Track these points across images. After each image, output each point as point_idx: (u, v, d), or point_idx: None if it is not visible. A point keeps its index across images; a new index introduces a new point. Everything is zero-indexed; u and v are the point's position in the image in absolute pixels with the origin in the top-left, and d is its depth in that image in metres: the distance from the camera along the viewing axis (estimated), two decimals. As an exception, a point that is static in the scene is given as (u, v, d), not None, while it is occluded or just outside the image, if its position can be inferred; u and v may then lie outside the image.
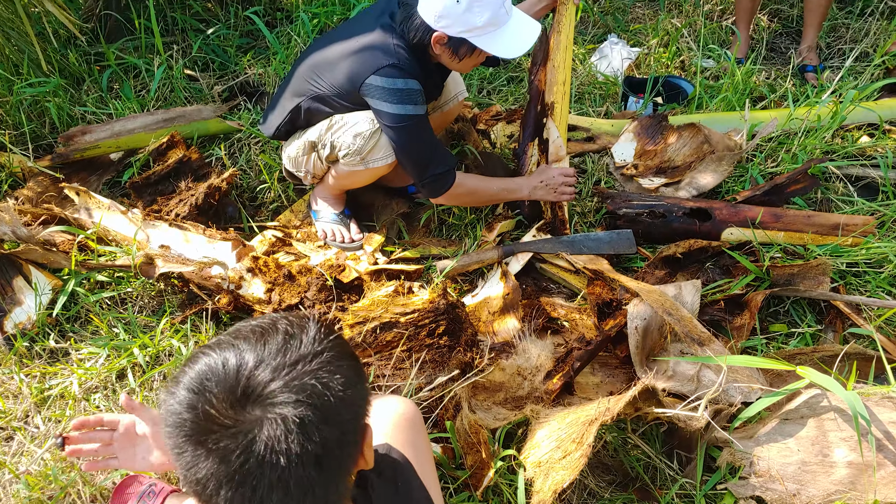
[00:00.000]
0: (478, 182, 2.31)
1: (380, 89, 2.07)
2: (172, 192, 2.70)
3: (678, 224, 2.32)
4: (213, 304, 2.26)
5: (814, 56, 3.33)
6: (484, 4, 1.94)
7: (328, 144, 2.25)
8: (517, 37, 2.05)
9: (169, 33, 3.55)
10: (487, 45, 2.02)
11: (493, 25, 1.99)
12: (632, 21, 3.86)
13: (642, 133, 2.68)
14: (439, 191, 2.23)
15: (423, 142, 2.15)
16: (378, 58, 2.08)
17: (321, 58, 2.24)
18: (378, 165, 2.24)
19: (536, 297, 2.27)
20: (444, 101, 2.54)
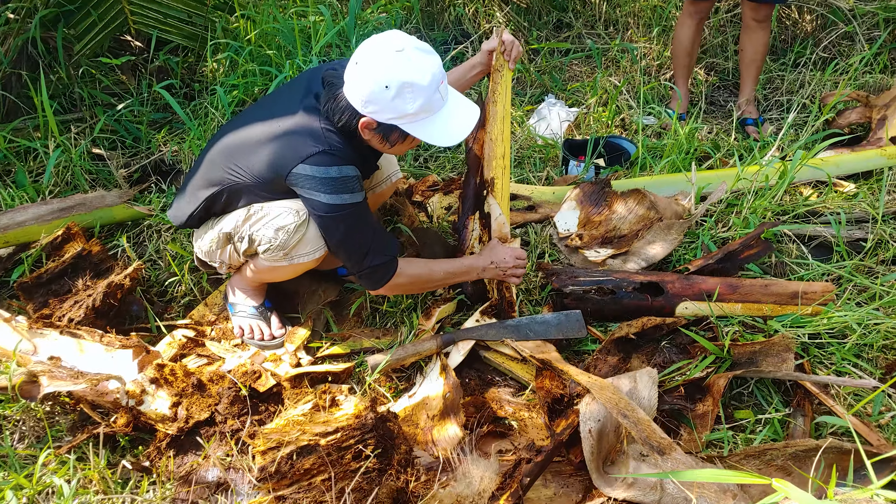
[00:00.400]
0: (422, 268, 2.09)
1: (311, 179, 1.84)
2: (69, 292, 2.40)
3: (629, 300, 2.13)
4: (108, 427, 1.94)
5: (753, 109, 3.27)
6: (416, 90, 1.74)
7: (246, 238, 2.01)
8: (454, 122, 1.85)
9: (76, 109, 3.29)
10: (421, 132, 1.82)
11: (427, 112, 1.80)
12: (569, 80, 3.78)
13: (585, 200, 2.52)
14: (379, 282, 2.00)
15: (361, 231, 1.92)
16: (306, 144, 1.85)
17: (238, 142, 2.00)
18: (304, 261, 2.01)
19: (481, 392, 2.04)
20: (377, 182, 2.34)
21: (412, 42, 1.77)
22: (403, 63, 1.72)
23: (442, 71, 1.80)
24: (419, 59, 1.74)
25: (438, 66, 1.78)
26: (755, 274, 2.23)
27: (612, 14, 4.12)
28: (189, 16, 3.35)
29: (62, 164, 2.82)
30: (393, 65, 1.72)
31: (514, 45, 2.28)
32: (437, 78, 1.77)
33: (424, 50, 1.78)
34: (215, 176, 2.02)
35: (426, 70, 1.74)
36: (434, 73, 1.75)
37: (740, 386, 1.95)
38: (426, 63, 1.75)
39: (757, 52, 3.15)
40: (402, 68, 1.72)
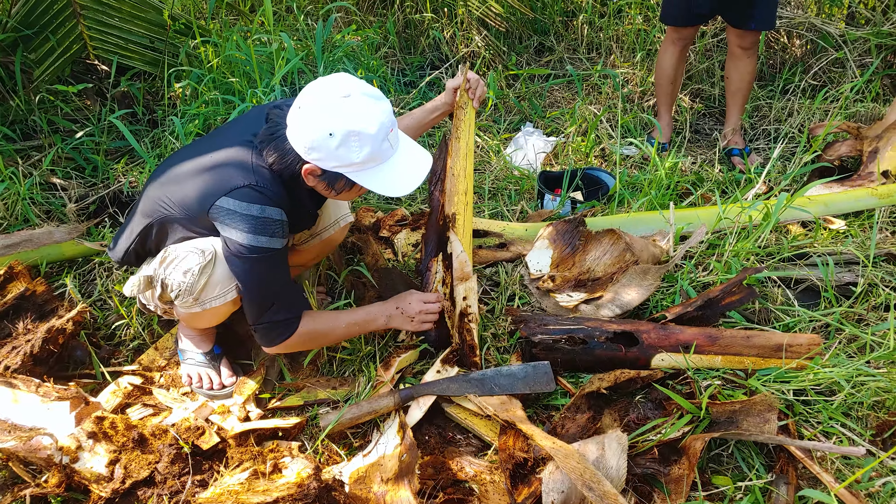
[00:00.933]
0: (323, 322, 1.94)
1: (231, 213, 1.71)
2: (9, 336, 2.25)
3: (602, 351, 1.99)
4: (39, 487, 1.79)
5: (739, 139, 3.15)
6: (362, 139, 1.63)
7: (160, 282, 1.87)
8: (404, 172, 1.74)
9: (36, 136, 3.16)
10: (368, 181, 1.70)
11: (375, 160, 1.68)
12: (549, 106, 3.66)
13: (558, 239, 2.38)
14: (273, 340, 1.86)
15: (269, 281, 1.80)
16: (233, 177, 1.73)
17: (172, 174, 1.88)
18: (216, 305, 1.87)
19: (441, 451, 1.89)
20: (323, 227, 2.20)
21: (360, 87, 1.66)
22: (350, 110, 1.61)
23: (391, 118, 1.68)
24: (367, 106, 1.63)
25: (388, 113, 1.67)
26: (737, 322, 2.09)
27: (595, 38, 4.02)
28: (150, 41, 3.24)
29: (12, 197, 2.68)
30: (338, 111, 1.61)
31: (479, 83, 2.22)
32: (386, 126, 1.66)
33: (373, 96, 1.67)
34: (149, 207, 1.91)
35: (374, 118, 1.62)
36: (382, 121, 1.64)
37: (719, 447, 1.81)
38: (374, 110, 1.63)
39: (743, 80, 3.04)
40: (348, 115, 1.61)
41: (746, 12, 2.91)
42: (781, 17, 3.62)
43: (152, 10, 3.20)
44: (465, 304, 2.13)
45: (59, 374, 2.15)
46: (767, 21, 2.92)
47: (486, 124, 3.45)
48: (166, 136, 3.03)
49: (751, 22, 2.92)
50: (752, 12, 2.90)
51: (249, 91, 2.81)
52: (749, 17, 2.91)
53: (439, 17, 4.03)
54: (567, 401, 1.98)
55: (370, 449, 1.91)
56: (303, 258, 2.28)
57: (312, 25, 3.54)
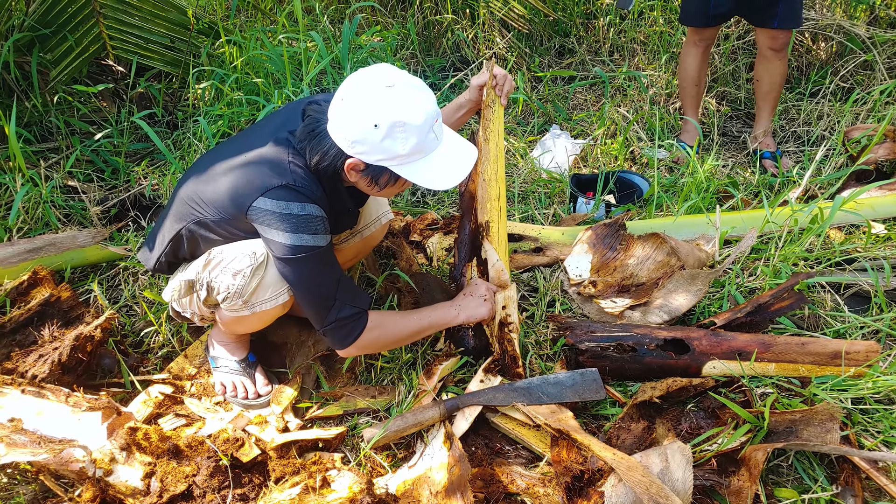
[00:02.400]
0: (395, 322, 1.89)
1: (270, 214, 1.66)
2: (34, 343, 2.18)
3: (651, 359, 1.94)
4: (71, 503, 1.73)
5: (770, 141, 3.11)
6: (408, 130, 1.57)
7: (205, 286, 1.81)
8: (449, 164, 1.69)
9: (52, 138, 3.09)
10: (413, 175, 1.65)
11: (420, 153, 1.63)
12: (574, 109, 3.61)
13: (598, 243, 2.33)
14: (346, 339, 1.79)
15: (322, 280, 1.73)
16: (268, 177, 1.67)
17: (206, 175, 1.82)
18: (267, 308, 1.81)
19: (489, 463, 1.82)
20: (364, 225, 2.15)
21: (403, 77, 1.60)
22: (394, 100, 1.55)
23: (436, 108, 1.63)
24: (411, 96, 1.58)
25: (432, 102, 1.62)
26: (787, 328, 2.04)
27: (617, 40, 3.98)
28: (171, 41, 3.18)
29: (32, 200, 2.61)
30: (383, 102, 1.55)
31: (507, 78, 2.14)
32: (432, 116, 1.61)
33: (417, 86, 1.61)
34: (182, 211, 1.85)
35: (419, 108, 1.57)
36: (428, 111, 1.59)
37: (778, 457, 1.75)
38: (419, 100, 1.58)
39: (774, 82, 3.00)
40: (393, 106, 1.55)
41: (768, 11, 2.86)
42: (808, 20, 3.58)
43: (174, 9, 3.14)
44: (505, 314, 2.07)
45: (87, 384, 2.08)
46: (790, 19, 2.86)
47: (511, 126, 3.39)
48: (188, 138, 2.97)
49: (773, 20, 2.86)
50: (774, 10, 2.84)
51: (276, 91, 2.75)
52: (771, 16, 2.86)
53: (460, 19, 3.98)
54: (616, 410, 1.93)
55: (416, 461, 1.84)
56: (343, 257, 2.21)
57: (329, 26, 3.49)
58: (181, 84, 3.32)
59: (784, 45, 2.91)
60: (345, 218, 1.93)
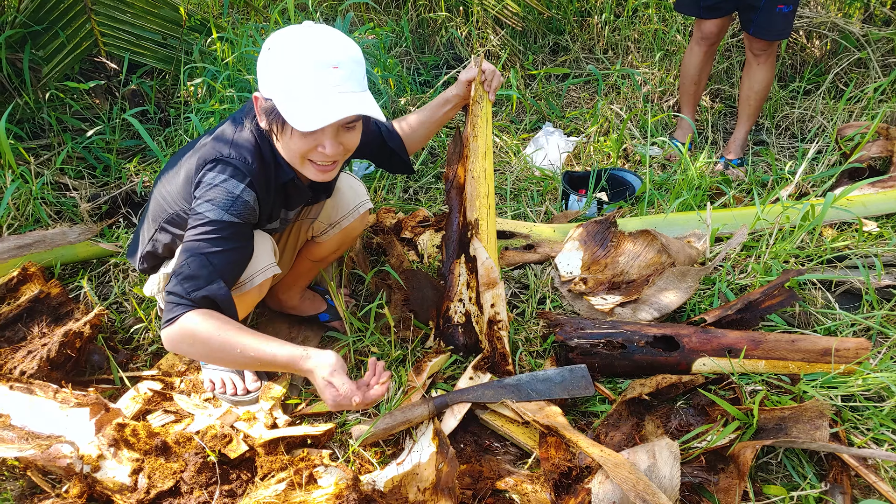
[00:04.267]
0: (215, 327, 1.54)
1: (202, 185, 1.64)
2: (24, 340, 2.17)
3: (641, 356, 1.93)
4: (59, 498, 1.71)
5: (737, 149, 3.06)
6: (291, 57, 1.50)
7: None
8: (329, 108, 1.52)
9: (44, 135, 3.08)
10: (288, 111, 1.53)
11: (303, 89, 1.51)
12: (567, 106, 3.61)
13: (589, 240, 2.32)
14: (164, 319, 1.58)
15: (184, 248, 1.61)
16: (211, 152, 1.67)
17: (171, 171, 1.83)
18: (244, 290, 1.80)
19: (478, 460, 1.82)
20: (342, 215, 2.07)
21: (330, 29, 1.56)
22: (300, 34, 1.52)
23: (346, 58, 1.52)
24: (320, 34, 1.52)
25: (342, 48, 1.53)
26: (777, 326, 2.04)
27: (612, 38, 3.97)
28: (164, 38, 3.16)
29: (23, 196, 2.60)
30: (289, 33, 1.53)
31: (495, 74, 2.10)
32: (330, 59, 1.50)
33: (338, 35, 1.55)
34: (155, 211, 1.85)
35: (318, 43, 1.51)
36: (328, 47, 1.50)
37: (767, 455, 1.75)
38: (325, 39, 1.51)
39: (752, 89, 2.95)
40: (294, 37, 1.52)
41: (748, 15, 2.82)
42: (802, 18, 3.58)
43: (166, 6, 3.13)
44: (494, 312, 2.06)
45: (76, 380, 2.08)
46: (766, 30, 2.81)
47: (504, 124, 3.39)
48: (180, 135, 2.96)
49: (749, 26, 2.84)
50: (752, 16, 2.81)
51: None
52: (748, 21, 2.83)
53: (454, 16, 3.97)
54: (606, 407, 1.93)
55: (404, 457, 1.84)
56: (323, 251, 2.17)
57: (322, 23, 3.48)
58: (173, 81, 3.31)
59: (762, 51, 2.88)
60: (295, 192, 1.83)
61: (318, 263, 2.25)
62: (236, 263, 1.68)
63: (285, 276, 2.23)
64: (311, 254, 2.18)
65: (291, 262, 2.22)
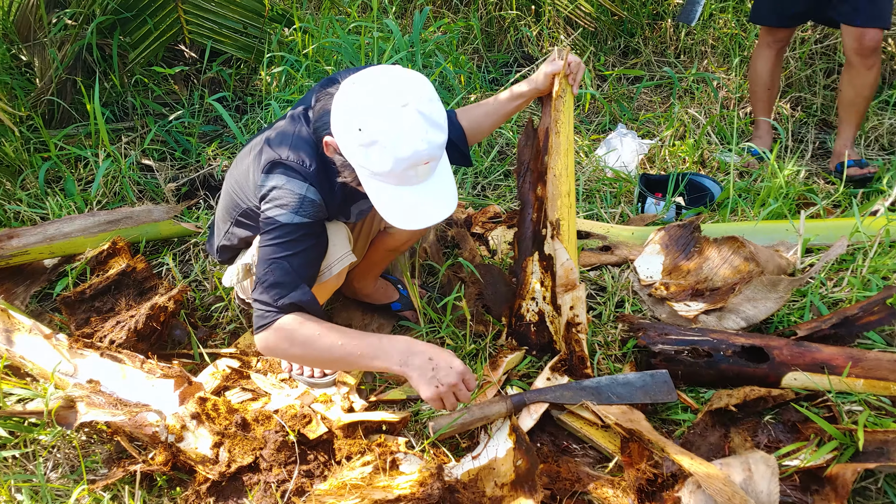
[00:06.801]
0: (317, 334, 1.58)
1: (264, 189, 1.68)
2: (111, 311, 2.24)
3: (727, 365, 1.88)
4: (146, 464, 1.76)
5: (851, 153, 2.93)
6: (385, 155, 1.46)
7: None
8: (413, 207, 1.56)
9: (127, 118, 3.17)
10: (372, 191, 1.56)
11: (389, 179, 1.53)
12: (639, 109, 3.55)
13: (671, 245, 2.27)
14: (256, 326, 1.63)
15: (264, 252, 1.64)
16: (270, 154, 1.69)
17: (240, 166, 1.86)
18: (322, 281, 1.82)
19: (555, 460, 1.79)
20: None
21: (426, 104, 1.48)
22: (394, 120, 1.45)
23: (434, 153, 1.50)
24: (414, 127, 1.45)
25: (432, 145, 1.49)
26: (875, 343, 1.95)
27: (685, 42, 3.90)
28: (244, 27, 3.23)
29: (111, 175, 2.69)
30: (382, 114, 1.45)
31: (580, 66, 2.03)
32: (421, 157, 1.48)
33: (431, 121, 1.48)
34: (227, 205, 1.90)
35: (412, 143, 1.46)
36: (418, 150, 1.46)
37: (866, 479, 1.68)
38: (419, 135, 1.46)
39: (859, 94, 2.76)
40: (389, 126, 1.45)
41: (848, 7, 2.63)
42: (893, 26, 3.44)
43: (250, -5, 3.19)
44: (573, 314, 2.03)
45: (159, 352, 2.13)
46: (878, 16, 2.61)
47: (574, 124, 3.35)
48: (257, 122, 3.01)
49: (855, 17, 2.64)
50: (857, 4, 2.61)
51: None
52: (852, 13, 2.63)
53: (524, 15, 3.95)
54: (688, 416, 1.88)
55: (480, 451, 1.83)
56: (395, 241, 2.17)
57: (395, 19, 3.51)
58: (251, 70, 3.38)
59: (872, 49, 2.72)
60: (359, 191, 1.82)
61: (392, 252, 2.25)
62: (314, 261, 1.73)
63: (359, 264, 2.24)
64: (383, 243, 2.19)
65: (365, 250, 2.23)
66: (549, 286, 2.07)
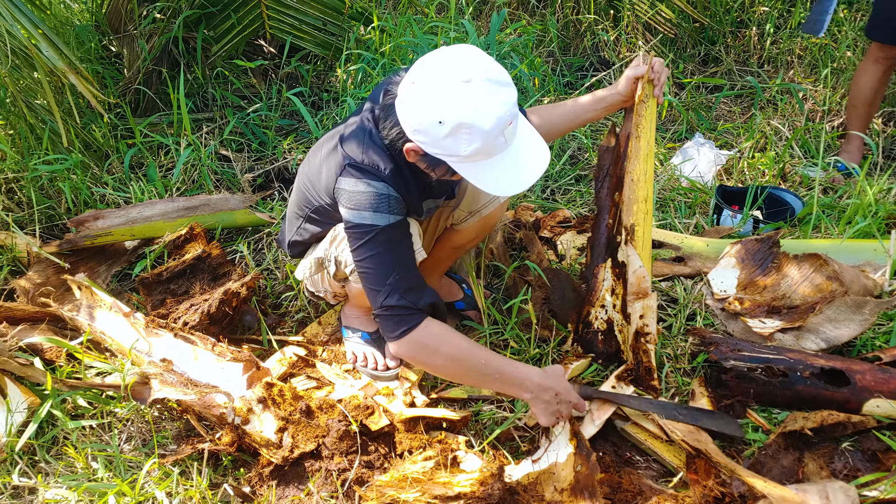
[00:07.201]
0: (459, 344, 1.66)
1: (342, 192, 1.69)
2: (185, 293, 2.33)
3: (804, 387, 1.80)
4: (213, 444, 1.82)
5: None
6: (474, 133, 1.47)
7: (332, 261, 1.87)
8: (513, 171, 1.57)
9: (207, 109, 3.29)
10: (471, 175, 1.56)
11: (484, 155, 1.53)
12: (717, 118, 3.44)
13: (748, 259, 2.20)
14: (392, 332, 1.65)
15: (374, 261, 1.66)
16: (343, 157, 1.70)
17: (313, 163, 1.89)
18: None
19: (617, 471, 1.76)
20: (483, 203, 2.04)
21: (485, 69, 1.48)
22: (467, 98, 1.45)
23: (512, 109, 1.50)
24: (487, 96, 1.46)
25: (509, 104, 1.49)
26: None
27: (770, 51, 3.76)
28: (324, 24, 3.30)
29: (190, 163, 2.79)
30: (454, 98, 1.45)
31: (664, 71, 1.99)
32: (504, 120, 1.48)
33: (497, 81, 1.48)
34: (299, 201, 1.93)
35: (492, 110, 1.46)
36: (500, 115, 1.47)
37: (952, 515, 1.58)
38: (494, 101, 1.47)
39: None
40: (464, 105, 1.45)
41: None
42: None
43: (330, -7, 3.26)
44: (643, 324, 1.98)
45: (228, 338, 2.19)
46: None
47: (651, 132, 3.28)
48: (332, 118, 3.07)
49: None
50: None
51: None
52: None
53: (602, 20, 3.90)
54: (759, 436, 1.81)
55: (540, 455, 1.81)
56: (462, 238, 2.16)
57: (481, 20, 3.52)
58: (328, 67, 3.45)
59: None
60: (434, 187, 1.85)
61: (457, 250, 2.25)
62: (415, 254, 1.78)
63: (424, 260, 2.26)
64: (450, 240, 2.20)
65: (430, 247, 2.24)
66: (620, 294, 2.03)
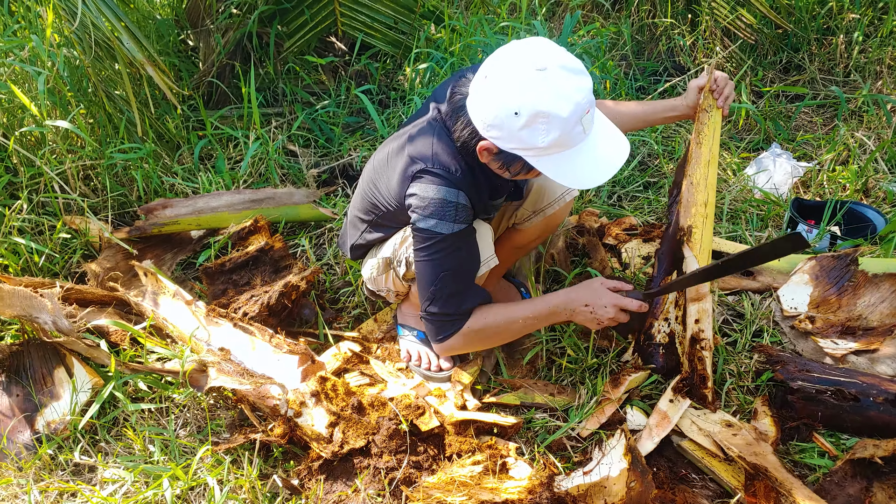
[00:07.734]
0: (496, 317, 1.75)
1: (412, 197, 1.69)
2: (247, 284, 2.39)
3: (877, 413, 1.70)
4: (265, 435, 1.86)
5: None
6: (552, 123, 1.44)
7: (403, 261, 1.87)
8: (593, 162, 1.53)
9: (277, 104, 3.37)
10: (549, 169, 1.52)
11: (561, 147, 1.49)
12: (797, 129, 3.29)
13: (821, 276, 2.09)
14: (434, 336, 1.79)
15: (428, 267, 1.71)
16: (412, 163, 1.69)
17: (378, 167, 1.88)
18: None
19: (671, 488, 1.70)
20: (547, 202, 2.01)
21: (558, 57, 1.45)
22: (542, 87, 1.42)
23: (589, 97, 1.47)
24: (562, 84, 1.43)
25: (586, 91, 1.46)
26: None
27: (858, 60, 3.56)
28: (395, 22, 3.32)
29: (258, 156, 2.87)
30: (529, 87, 1.43)
31: (728, 83, 1.97)
32: (582, 107, 1.45)
33: (572, 69, 1.46)
34: (364, 203, 1.93)
35: (569, 98, 1.43)
36: (578, 101, 1.44)
37: None
38: (570, 88, 1.43)
39: None
40: (540, 94, 1.42)
41: None
42: None
43: (404, -8, 3.28)
44: (698, 329, 1.91)
45: (287, 329, 2.24)
46: None
47: (723, 140, 3.17)
48: (399, 116, 3.09)
49: None
50: None
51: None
52: None
53: (679, 24, 3.78)
54: (825, 462, 1.71)
55: (592, 467, 1.76)
56: (524, 238, 2.14)
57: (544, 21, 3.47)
58: (396, 65, 3.48)
59: None
60: (502, 185, 1.83)
61: (519, 250, 2.23)
62: (477, 258, 1.79)
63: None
64: (511, 240, 2.18)
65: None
66: (683, 305, 1.97)
